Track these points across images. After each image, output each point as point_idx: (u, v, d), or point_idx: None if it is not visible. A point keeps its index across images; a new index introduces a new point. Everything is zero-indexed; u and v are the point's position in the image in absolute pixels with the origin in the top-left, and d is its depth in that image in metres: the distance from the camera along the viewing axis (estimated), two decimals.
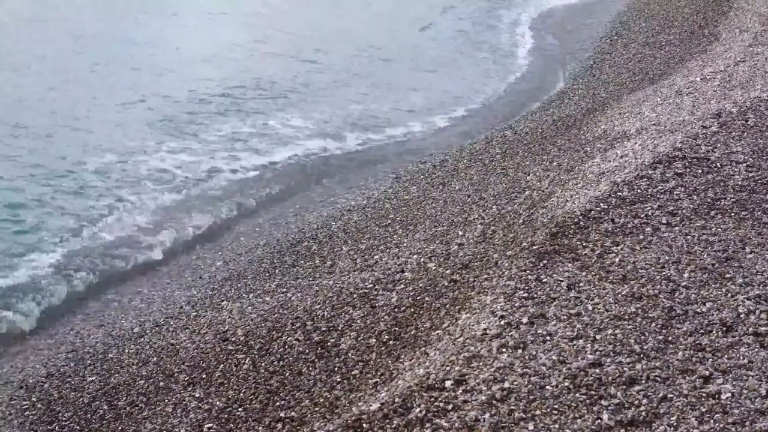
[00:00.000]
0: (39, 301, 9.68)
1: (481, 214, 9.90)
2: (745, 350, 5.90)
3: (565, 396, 5.38)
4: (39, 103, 15.93)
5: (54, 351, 8.82)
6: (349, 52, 22.07)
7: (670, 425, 5.14)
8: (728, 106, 11.23)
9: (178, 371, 7.96)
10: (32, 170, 12.96)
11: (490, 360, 5.77)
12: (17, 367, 8.56)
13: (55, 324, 9.48)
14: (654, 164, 9.21)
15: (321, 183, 13.63)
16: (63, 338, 9.09)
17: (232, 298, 9.27)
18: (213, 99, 17.20)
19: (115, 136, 14.68)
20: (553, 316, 6.29)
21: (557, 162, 11.25)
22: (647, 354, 5.82)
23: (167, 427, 7.16)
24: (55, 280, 10.08)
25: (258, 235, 11.41)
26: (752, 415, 5.23)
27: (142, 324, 9.16)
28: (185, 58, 20.32)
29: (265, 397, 7.09)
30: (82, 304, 9.89)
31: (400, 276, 8.58)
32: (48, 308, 9.72)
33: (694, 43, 18.49)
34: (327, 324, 7.94)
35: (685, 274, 6.92)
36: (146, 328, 9.00)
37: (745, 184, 8.71)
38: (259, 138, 15.32)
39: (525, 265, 7.17)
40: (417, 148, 15.38)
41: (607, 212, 8.10)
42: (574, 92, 17.28)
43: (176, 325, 8.94)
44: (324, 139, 15.48)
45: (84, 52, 19.60)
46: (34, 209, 11.71)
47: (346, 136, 15.84)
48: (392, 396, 5.58)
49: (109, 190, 12.56)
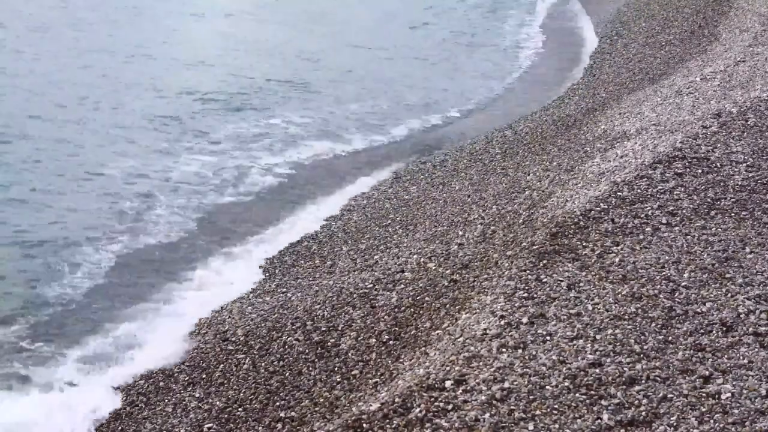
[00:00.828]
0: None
1: (481, 214, 9.90)
2: (745, 350, 5.90)
3: (565, 396, 5.38)
4: (56, 109, 15.88)
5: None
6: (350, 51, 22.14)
7: (670, 425, 5.14)
8: (728, 106, 11.23)
9: (178, 371, 7.97)
10: (69, 178, 12.86)
11: (490, 360, 5.77)
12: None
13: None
14: (654, 164, 9.21)
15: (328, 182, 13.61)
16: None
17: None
18: (216, 99, 17.24)
19: (130, 139, 14.65)
20: (553, 316, 6.29)
21: (557, 162, 11.25)
22: (647, 354, 5.82)
23: (167, 427, 7.16)
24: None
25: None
26: (752, 415, 5.23)
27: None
28: (187, 60, 20.40)
29: (265, 397, 7.09)
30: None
31: (400, 276, 8.57)
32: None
33: (694, 43, 18.49)
34: (327, 324, 7.94)
35: (685, 274, 6.92)
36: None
37: (745, 184, 8.71)
38: (269, 138, 15.34)
39: (525, 265, 7.17)
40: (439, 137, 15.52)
41: (607, 212, 8.10)
42: (574, 92, 17.28)
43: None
44: (328, 139, 15.48)
45: (92, 60, 19.64)
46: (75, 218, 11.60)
47: (351, 136, 15.84)
48: (392, 396, 5.58)
49: (144, 195, 12.44)
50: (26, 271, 10.07)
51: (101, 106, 16.32)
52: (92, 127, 15.16)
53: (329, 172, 14.09)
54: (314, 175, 13.96)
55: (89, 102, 16.45)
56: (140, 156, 13.96)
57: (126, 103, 16.60)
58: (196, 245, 11.14)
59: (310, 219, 11.81)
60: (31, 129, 14.66)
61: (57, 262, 10.31)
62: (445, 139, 15.64)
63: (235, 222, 11.94)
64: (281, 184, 13.49)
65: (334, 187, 13.30)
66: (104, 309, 9.39)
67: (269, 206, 12.63)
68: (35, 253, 10.48)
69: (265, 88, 18.44)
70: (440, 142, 15.40)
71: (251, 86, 18.40)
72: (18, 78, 17.60)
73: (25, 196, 12.16)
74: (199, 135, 15.24)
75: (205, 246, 11.11)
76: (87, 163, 13.47)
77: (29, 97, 16.43)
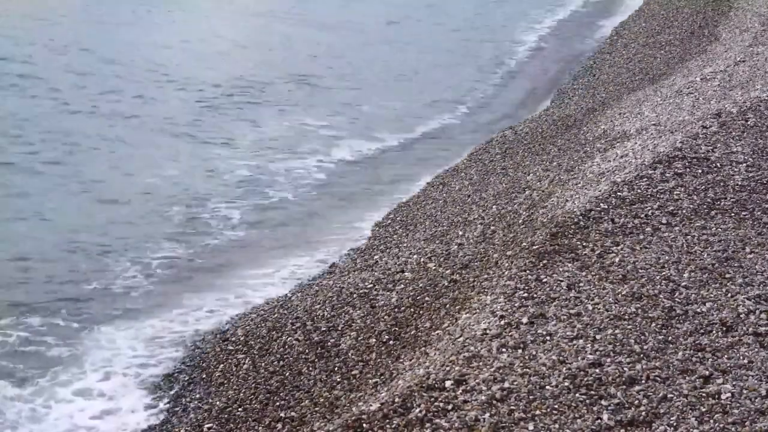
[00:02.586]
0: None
1: (481, 214, 9.90)
2: (745, 350, 5.90)
3: (565, 396, 5.38)
4: (70, 117, 15.89)
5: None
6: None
7: (670, 425, 5.14)
8: (728, 106, 11.23)
9: (178, 371, 7.98)
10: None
11: (490, 360, 5.77)
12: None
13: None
14: (654, 164, 9.21)
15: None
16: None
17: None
18: (216, 102, 17.26)
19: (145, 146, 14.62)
20: (553, 316, 6.29)
21: (557, 162, 11.24)
22: (647, 354, 5.82)
23: (167, 427, 7.17)
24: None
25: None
26: (752, 415, 5.23)
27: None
28: (195, 56, 20.58)
29: (265, 397, 7.09)
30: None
31: (400, 276, 8.58)
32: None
33: (694, 43, 18.50)
34: (327, 324, 7.94)
35: (685, 274, 6.92)
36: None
37: (745, 184, 8.71)
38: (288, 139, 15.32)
39: (525, 265, 7.17)
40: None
41: (607, 212, 8.10)
42: (574, 92, 17.28)
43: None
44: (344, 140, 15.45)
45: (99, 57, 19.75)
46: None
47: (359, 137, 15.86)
48: (392, 396, 5.58)
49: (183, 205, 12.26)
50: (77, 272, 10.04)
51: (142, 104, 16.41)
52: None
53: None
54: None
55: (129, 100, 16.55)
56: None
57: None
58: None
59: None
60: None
61: (112, 263, 10.27)
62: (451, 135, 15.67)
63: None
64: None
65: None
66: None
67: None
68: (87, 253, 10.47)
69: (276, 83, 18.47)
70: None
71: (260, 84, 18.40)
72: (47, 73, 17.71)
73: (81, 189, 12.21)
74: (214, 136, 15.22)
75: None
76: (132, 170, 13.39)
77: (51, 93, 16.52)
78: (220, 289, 9.72)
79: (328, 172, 13.78)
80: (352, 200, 12.71)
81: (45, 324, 8.84)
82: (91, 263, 10.22)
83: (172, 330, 8.82)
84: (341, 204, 12.54)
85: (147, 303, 9.45)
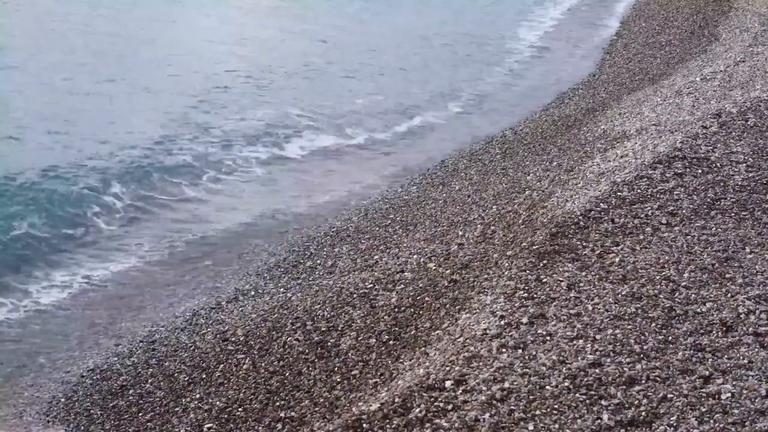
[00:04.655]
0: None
1: (481, 214, 9.90)
2: (745, 350, 5.90)
3: (565, 396, 5.38)
4: (75, 97, 16.12)
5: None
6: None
7: (670, 425, 5.14)
8: (728, 106, 11.23)
9: (178, 371, 7.97)
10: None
11: (490, 360, 5.77)
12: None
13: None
14: (654, 164, 9.21)
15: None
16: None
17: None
18: (214, 94, 17.38)
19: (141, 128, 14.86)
20: (553, 316, 6.29)
21: (557, 162, 11.25)
22: (647, 354, 5.82)
23: (167, 427, 7.16)
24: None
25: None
26: (752, 415, 5.23)
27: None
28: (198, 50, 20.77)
29: (265, 397, 7.09)
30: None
31: (400, 276, 8.57)
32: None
33: (694, 43, 18.50)
34: (327, 324, 7.94)
35: (685, 274, 6.92)
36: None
37: (745, 184, 8.71)
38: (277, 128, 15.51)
39: (525, 265, 7.17)
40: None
41: (607, 212, 8.10)
42: (574, 92, 17.29)
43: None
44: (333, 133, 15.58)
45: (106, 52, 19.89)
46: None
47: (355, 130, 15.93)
48: (392, 396, 5.58)
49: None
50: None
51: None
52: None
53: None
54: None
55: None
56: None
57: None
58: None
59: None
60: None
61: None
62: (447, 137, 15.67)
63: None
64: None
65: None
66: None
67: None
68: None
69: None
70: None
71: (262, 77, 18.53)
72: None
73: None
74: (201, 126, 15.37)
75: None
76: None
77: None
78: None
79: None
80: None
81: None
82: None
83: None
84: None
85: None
